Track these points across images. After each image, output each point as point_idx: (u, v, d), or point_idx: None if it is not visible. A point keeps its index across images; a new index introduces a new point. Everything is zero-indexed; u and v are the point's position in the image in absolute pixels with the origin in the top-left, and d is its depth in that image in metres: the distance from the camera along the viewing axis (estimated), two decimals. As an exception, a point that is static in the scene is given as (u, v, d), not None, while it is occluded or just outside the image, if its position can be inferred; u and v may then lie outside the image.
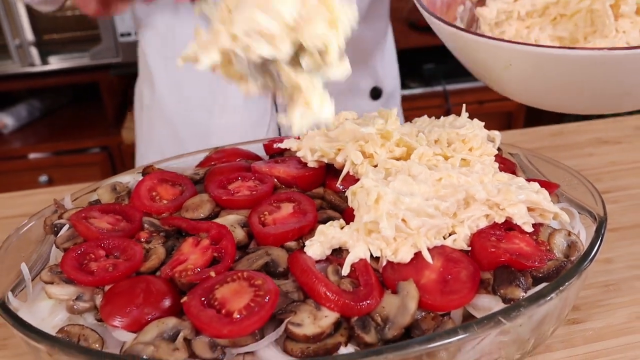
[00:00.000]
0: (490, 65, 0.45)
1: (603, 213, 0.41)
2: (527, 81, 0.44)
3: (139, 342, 0.32)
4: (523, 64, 0.42)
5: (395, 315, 0.33)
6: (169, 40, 0.79)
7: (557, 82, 0.42)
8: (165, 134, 0.80)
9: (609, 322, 0.45)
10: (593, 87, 0.41)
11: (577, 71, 0.40)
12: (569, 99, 0.44)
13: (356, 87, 0.82)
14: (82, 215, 0.44)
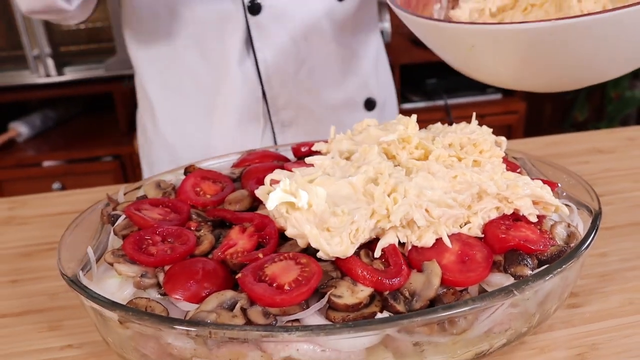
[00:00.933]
0: (456, 49, 0.50)
1: (598, 207, 0.47)
2: (489, 61, 0.48)
3: (202, 311, 0.37)
4: (483, 43, 0.46)
5: (421, 289, 0.38)
6: (167, 72, 0.82)
7: (516, 59, 0.46)
8: (167, 160, 0.84)
9: (604, 306, 0.50)
10: (548, 61, 0.45)
11: (531, 46, 0.43)
12: (531, 76, 0.48)
13: (351, 100, 0.85)
14: (135, 207, 0.49)
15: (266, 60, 0.78)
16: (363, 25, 0.85)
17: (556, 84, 0.53)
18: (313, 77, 0.82)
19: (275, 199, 0.42)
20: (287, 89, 0.80)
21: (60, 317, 0.53)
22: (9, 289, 0.58)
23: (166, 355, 0.39)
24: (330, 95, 0.84)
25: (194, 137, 0.84)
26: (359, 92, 0.86)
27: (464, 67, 0.53)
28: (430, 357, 0.38)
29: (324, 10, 0.78)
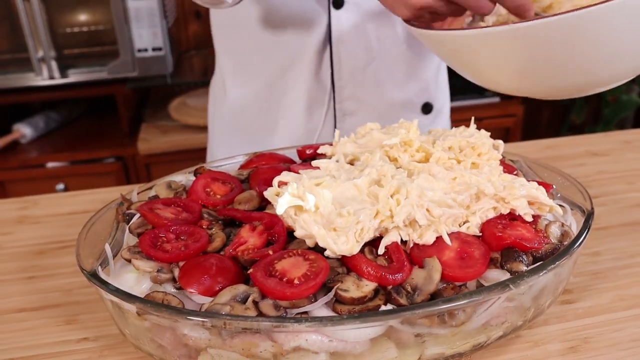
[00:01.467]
0: (446, 53, 0.53)
1: (591, 208, 0.49)
2: (488, 65, 0.51)
3: (217, 303, 0.39)
4: (481, 47, 0.49)
5: (422, 284, 0.41)
6: (242, 50, 0.85)
7: (511, 61, 0.48)
8: (230, 134, 0.89)
9: (597, 302, 0.53)
10: (535, 63, 0.47)
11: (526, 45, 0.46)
12: (529, 78, 0.50)
13: (410, 102, 0.88)
14: (149, 206, 0.51)
15: (340, 53, 0.82)
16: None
17: (553, 88, 0.55)
18: (379, 74, 0.85)
19: (284, 203, 0.44)
20: (354, 82, 0.84)
21: (75, 311, 0.56)
22: (26, 285, 0.60)
23: (181, 346, 0.41)
24: (392, 94, 0.87)
25: (260, 114, 0.87)
26: (419, 95, 0.89)
27: (467, 72, 0.56)
28: (430, 348, 0.41)
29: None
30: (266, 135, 0.86)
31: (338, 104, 0.84)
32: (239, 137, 0.89)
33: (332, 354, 0.39)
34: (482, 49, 0.49)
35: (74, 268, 0.63)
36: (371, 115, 0.85)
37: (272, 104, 0.86)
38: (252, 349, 0.39)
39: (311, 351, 0.39)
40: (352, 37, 0.81)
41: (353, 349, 0.39)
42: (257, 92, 0.86)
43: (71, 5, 1.89)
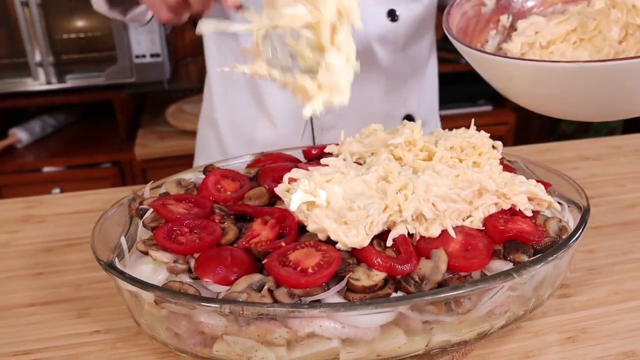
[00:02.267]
0: (497, 77, 0.55)
1: (587, 204, 0.52)
2: (525, 90, 0.53)
3: (233, 292, 0.41)
4: (521, 75, 0.51)
5: (430, 274, 0.42)
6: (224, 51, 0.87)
7: (544, 91, 0.51)
8: (215, 143, 0.90)
9: (592, 296, 0.55)
10: (577, 96, 0.50)
11: (556, 81, 0.48)
12: (560, 105, 0.53)
13: (390, 114, 0.89)
14: (161, 202, 0.53)
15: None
16: (414, 45, 0.88)
17: (586, 115, 0.58)
18: (358, 89, 0.85)
19: (297, 200, 0.46)
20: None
21: (86, 305, 0.57)
22: (34, 281, 0.61)
23: (197, 333, 0.43)
24: (372, 108, 0.88)
25: (241, 127, 0.89)
26: (399, 108, 0.90)
27: (505, 92, 0.57)
28: (437, 335, 0.42)
29: (376, 30, 0.81)
30: (244, 150, 0.84)
31: (316, 120, 0.85)
32: (220, 151, 0.91)
33: (344, 341, 0.41)
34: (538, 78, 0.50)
35: (83, 265, 0.64)
36: (350, 129, 0.86)
37: (252, 117, 0.87)
38: (268, 336, 0.40)
39: (324, 337, 0.40)
40: None
41: (364, 335, 0.41)
42: (240, 105, 0.87)
43: (70, 11, 1.90)
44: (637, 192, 0.76)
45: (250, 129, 0.87)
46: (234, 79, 0.87)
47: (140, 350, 0.50)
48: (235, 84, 0.87)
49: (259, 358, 0.42)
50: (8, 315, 0.56)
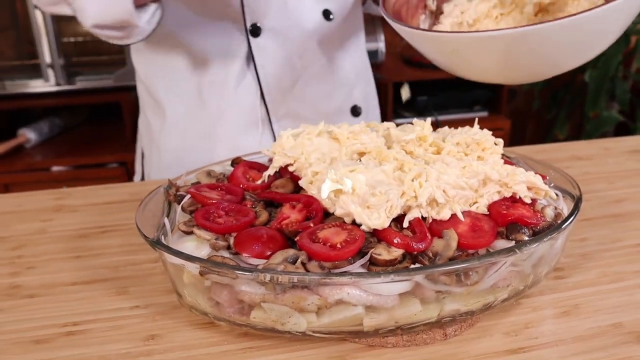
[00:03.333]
0: (440, 52, 0.63)
1: (579, 194, 0.58)
2: (468, 60, 0.62)
3: (271, 264, 0.46)
4: (463, 48, 0.60)
5: (442, 250, 0.48)
6: (173, 84, 0.90)
7: (487, 59, 0.60)
8: (172, 163, 0.93)
9: (584, 277, 0.61)
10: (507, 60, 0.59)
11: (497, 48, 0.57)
12: (501, 70, 0.62)
13: (339, 108, 0.97)
14: (197, 189, 0.59)
15: (267, 76, 0.88)
16: (347, 41, 0.97)
17: (523, 77, 0.68)
18: (308, 89, 0.92)
19: (327, 188, 0.51)
20: (286, 100, 0.91)
21: (125, 284, 0.62)
22: (74, 263, 0.67)
23: (237, 302, 0.48)
24: (323, 104, 0.95)
25: (199, 142, 0.92)
26: (346, 101, 0.97)
27: (448, 66, 0.66)
28: (448, 305, 0.48)
29: (314, 30, 0.88)
30: (206, 159, 0.85)
31: (275, 124, 0.91)
32: (178, 164, 0.93)
33: (368, 308, 0.47)
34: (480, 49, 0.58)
35: (118, 249, 0.69)
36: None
37: (208, 131, 0.91)
38: (301, 303, 0.46)
39: (351, 304, 0.46)
40: (276, 61, 0.88)
41: (385, 303, 0.46)
42: (193, 121, 0.91)
43: (80, 15, 1.95)
44: (625, 188, 0.83)
45: (209, 144, 0.90)
46: (185, 97, 0.90)
47: (177, 322, 0.55)
48: (185, 102, 0.90)
49: (292, 323, 0.47)
50: (54, 292, 0.61)
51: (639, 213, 0.75)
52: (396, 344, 0.51)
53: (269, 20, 0.85)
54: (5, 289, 0.62)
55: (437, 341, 0.51)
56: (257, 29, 0.84)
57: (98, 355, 0.51)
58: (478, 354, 0.50)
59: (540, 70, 0.64)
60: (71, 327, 0.55)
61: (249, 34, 0.85)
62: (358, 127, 0.65)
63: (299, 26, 0.87)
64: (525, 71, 0.64)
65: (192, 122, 0.91)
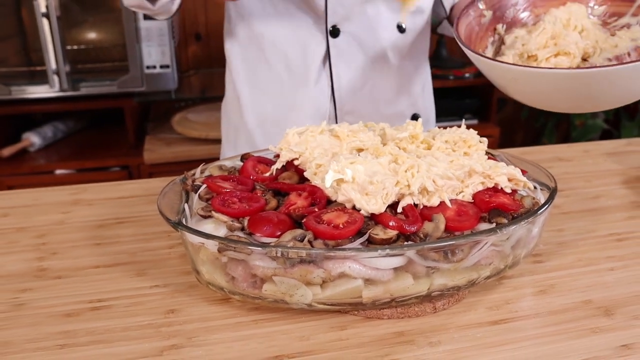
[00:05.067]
0: (502, 78, 0.70)
1: (554, 185, 0.64)
2: (524, 89, 0.69)
3: (282, 241, 0.53)
4: (521, 78, 0.66)
5: (432, 232, 0.55)
6: (256, 73, 0.99)
7: (539, 90, 0.66)
8: (246, 144, 1.03)
9: (561, 262, 0.68)
10: (562, 95, 0.65)
11: (543, 82, 0.64)
12: (552, 101, 0.68)
13: (401, 114, 1.04)
14: (211, 180, 0.65)
15: (339, 76, 0.97)
16: (417, 55, 1.05)
17: (573, 108, 0.74)
18: (374, 92, 1.01)
19: (330, 178, 0.58)
20: (353, 100, 1.00)
21: (143, 267, 0.68)
22: (95, 249, 0.72)
23: (250, 276, 0.54)
24: (386, 108, 1.03)
25: (271, 129, 1.01)
26: (408, 108, 1.06)
27: (505, 90, 0.73)
28: (437, 279, 0.55)
29: (390, 40, 0.97)
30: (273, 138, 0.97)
31: (340, 120, 0.99)
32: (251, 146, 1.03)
33: (367, 280, 0.53)
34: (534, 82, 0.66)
35: (134, 237, 0.75)
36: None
37: (281, 118, 0.99)
38: (308, 276, 0.52)
39: (352, 277, 0.52)
40: (349, 62, 0.97)
41: (382, 276, 0.53)
42: (269, 108, 1.00)
43: (86, 24, 2.02)
44: (601, 186, 0.90)
45: (280, 132, 0.98)
46: (261, 86, 1.00)
47: (194, 298, 0.61)
48: (264, 92, 0.99)
49: (299, 295, 0.53)
50: (78, 274, 0.67)
51: (612, 208, 0.82)
52: (391, 315, 0.57)
53: (349, 24, 0.93)
54: (34, 271, 0.67)
55: (428, 314, 0.58)
56: (337, 31, 0.93)
57: (122, 326, 0.57)
58: (464, 325, 0.57)
59: (587, 106, 0.70)
60: (96, 303, 0.61)
61: (329, 34, 0.93)
62: (356, 127, 0.72)
63: (375, 34, 0.96)
64: (575, 104, 0.70)
65: (271, 115, 1.00)
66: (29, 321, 0.58)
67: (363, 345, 0.54)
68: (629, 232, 0.75)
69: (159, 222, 0.78)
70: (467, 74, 2.34)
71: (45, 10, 1.83)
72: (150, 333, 0.56)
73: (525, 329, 0.56)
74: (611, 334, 0.55)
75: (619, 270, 0.66)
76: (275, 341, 0.54)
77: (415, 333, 0.55)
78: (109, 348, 0.54)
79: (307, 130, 0.70)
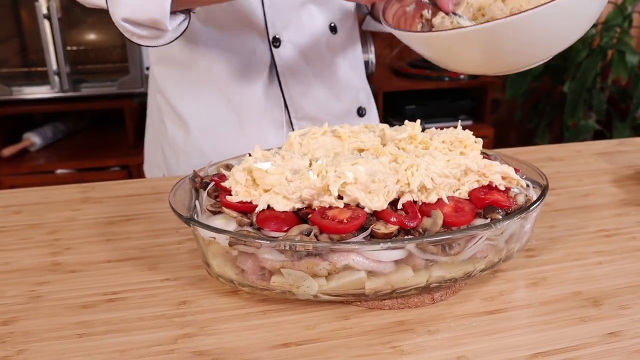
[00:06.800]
0: (435, 50, 0.73)
1: (546, 183, 0.68)
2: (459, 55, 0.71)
3: (290, 235, 0.56)
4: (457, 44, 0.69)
5: (430, 227, 0.58)
6: (197, 92, 0.99)
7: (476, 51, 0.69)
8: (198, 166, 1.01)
9: (552, 256, 0.71)
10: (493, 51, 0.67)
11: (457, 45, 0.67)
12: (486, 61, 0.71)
13: (348, 110, 1.10)
14: (219, 177, 0.68)
15: (287, 82, 1.00)
16: (349, 51, 1.10)
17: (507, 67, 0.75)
18: (318, 94, 1.04)
19: (334, 188, 0.61)
20: (303, 104, 1.03)
21: (154, 262, 0.71)
22: (106, 245, 0.75)
23: (259, 269, 0.57)
24: (332, 107, 1.07)
25: (225, 145, 1.02)
26: (353, 102, 1.11)
27: (441, 62, 0.76)
28: (435, 272, 0.58)
29: (323, 41, 1.02)
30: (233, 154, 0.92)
31: (296, 125, 1.04)
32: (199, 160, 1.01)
33: (369, 272, 0.56)
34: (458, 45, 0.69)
35: (143, 233, 0.78)
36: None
37: (234, 134, 1.00)
38: (314, 268, 0.55)
39: (355, 269, 0.56)
40: (293, 68, 1.01)
41: (383, 269, 0.56)
42: (219, 126, 1.00)
43: (86, 25, 2.04)
44: (592, 184, 0.94)
45: (234, 146, 0.98)
46: (209, 104, 1.00)
47: (204, 290, 0.64)
48: (210, 110, 1.00)
49: (305, 287, 0.57)
50: (92, 268, 0.70)
51: (602, 205, 0.86)
52: (392, 306, 0.60)
53: (288, 33, 0.98)
54: (48, 265, 0.70)
55: (426, 304, 0.61)
56: (277, 41, 0.97)
57: (137, 316, 0.60)
58: (461, 315, 0.60)
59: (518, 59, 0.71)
60: (111, 295, 0.64)
61: (271, 45, 0.97)
62: (357, 128, 0.75)
63: (312, 38, 1.01)
64: (506, 61, 0.71)
65: (219, 130, 1.01)
66: (47, 312, 0.61)
67: (366, 334, 0.57)
68: (617, 228, 0.79)
69: (167, 219, 0.81)
70: (461, 75, 2.38)
71: (47, 11, 1.85)
72: (164, 323, 0.59)
73: (519, 318, 0.60)
74: (599, 323, 0.59)
75: (607, 264, 0.70)
76: (283, 330, 0.58)
77: (415, 322, 0.59)
78: (126, 337, 0.57)
79: (309, 131, 0.74)
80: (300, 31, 0.98)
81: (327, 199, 0.59)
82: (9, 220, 0.83)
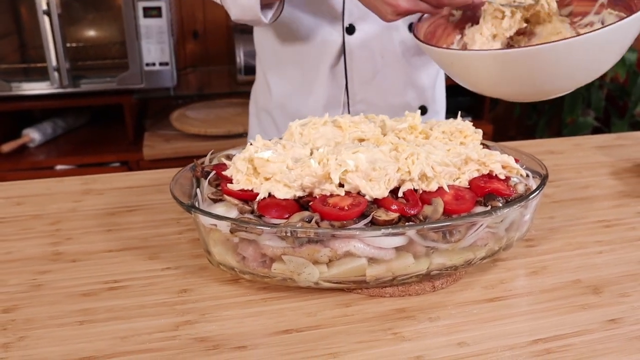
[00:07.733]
0: (442, 64, 0.73)
1: (546, 172, 0.68)
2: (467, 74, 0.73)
3: (290, 222, 0.56)
4: (458, 63, 0.70)
5: (431, 214, 0.58)
6: (281, 64, 1.07)
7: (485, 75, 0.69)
8: (272, 123, 1.12)
9: (552, 246, 0.72)
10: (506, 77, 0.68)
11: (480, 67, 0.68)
12: (499, 87, 0.72)
13: (408, 105, 1.11)
14: (220, 167, 0.68)
15: (352, 68, 1.05)
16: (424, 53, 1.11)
17: (520, 95, 0.76)
18: (383, 83, 1.08)
19: (335, 175, 0.61)
20: (364, 89, 1.07)
21: (155, 251, 0.71)
22: (107, 235, 0.75)
23: (260, 256, 0.57)
24: (394, 99, 1.10)
25: (294, 110, 1.10)
26: (415, 100, 1.12)
27: (456, 78, 0.76)
28: (436, 259, 0.58)
29: (399, 38, 1.05)
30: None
31: (352, 107, 1.07)
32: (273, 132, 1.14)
33: (370, 259, 0.56)
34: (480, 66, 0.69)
35: (144, 224, 0.78)
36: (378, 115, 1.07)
37: (300, 103, 1.08)
38: (315, 255, 0.56)
39: (356, 256, 0.56)
40: (361, 55, 1.04)
41: (384, 255, 0.56)
42: (294, 94, 1.09)
43: (86, 21, 2.04)
44: (591, 177, 0.94)
45: (301, 113, 1.07)
46: (285, 70, 1.08)
47: (205, 279, 0.65)
48: (288, 79, 1.08)
49: (306, 273, 0.57)
50: (93, 257, 0.70)
51: (601, 196, 0.86)
52: (392, 294, 0.60)
53: (364, 24, 1.01)
54: (50, 255, 0.70)
55: (427, 292, 0.61)
56: (353, 29, 1.01)
57: (138, 304, 0.60)
58: (461, 302, 0.60)
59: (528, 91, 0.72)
60: (112, 284, 0.64)
61: (345, 31, 1.01)
62: (358, 118, 0.75)
63: (388, 33, 1.04)
64: (514, 89, 0.72)
65: (292, 99, 1.09)
66: (48, 300, 0.61)
67: (367, 320, 0.57)
68: (617, 218, 0.79)
69: (168, 209, 0.81)
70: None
71: (47, 7, 1.85)
72: (166, 310, 0.59)
73: (519, 305, 0.60)
74: (599, 310, 0.59)
75: (606, 253, 0.70)
76: (284, 317, 0.58)
77: (416, 310, 0.59)
78: (127, 324, 0.57)
79: (310, 122, 0.74)
80: (378, 25, 1.01)
81: (328, 187, 0.59)
82: (10, 211, 0.83)
